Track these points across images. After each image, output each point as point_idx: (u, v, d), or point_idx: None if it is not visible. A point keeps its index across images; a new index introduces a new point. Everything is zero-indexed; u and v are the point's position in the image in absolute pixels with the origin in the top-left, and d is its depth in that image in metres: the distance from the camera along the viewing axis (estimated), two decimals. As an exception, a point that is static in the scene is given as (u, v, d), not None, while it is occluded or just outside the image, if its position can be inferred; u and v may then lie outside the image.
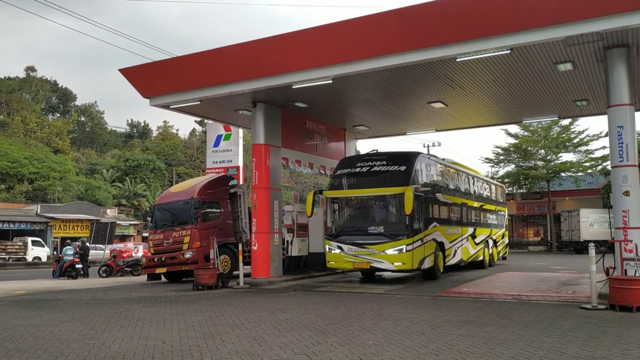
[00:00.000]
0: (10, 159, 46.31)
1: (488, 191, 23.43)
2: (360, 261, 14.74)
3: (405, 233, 14.37)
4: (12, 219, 38.49)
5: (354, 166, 16.02)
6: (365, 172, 15.52)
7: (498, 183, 27.36)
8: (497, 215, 24.01)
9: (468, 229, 19.37)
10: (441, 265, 16.55)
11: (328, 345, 7.08)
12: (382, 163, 15.55)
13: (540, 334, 7.74)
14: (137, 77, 15.80)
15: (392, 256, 14.32)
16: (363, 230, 15.11)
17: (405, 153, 16.24)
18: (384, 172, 15.24)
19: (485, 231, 21.55)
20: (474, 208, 20.62)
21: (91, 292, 14.72)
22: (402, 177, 14.85)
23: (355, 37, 12.67)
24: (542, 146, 41.58)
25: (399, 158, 15.64)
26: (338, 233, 15.41)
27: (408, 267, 14.46)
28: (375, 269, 15.01)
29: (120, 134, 78.43)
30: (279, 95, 15.72)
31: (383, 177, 15.12)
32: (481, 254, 20.87)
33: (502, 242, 24.97)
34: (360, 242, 14.81)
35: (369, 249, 14.59)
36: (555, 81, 14.61)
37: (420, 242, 14.87)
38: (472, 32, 11.44)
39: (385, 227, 14.87)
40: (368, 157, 16.14)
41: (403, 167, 15.15)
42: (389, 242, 14.40)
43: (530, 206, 46.66)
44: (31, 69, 65.54)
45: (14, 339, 7.75)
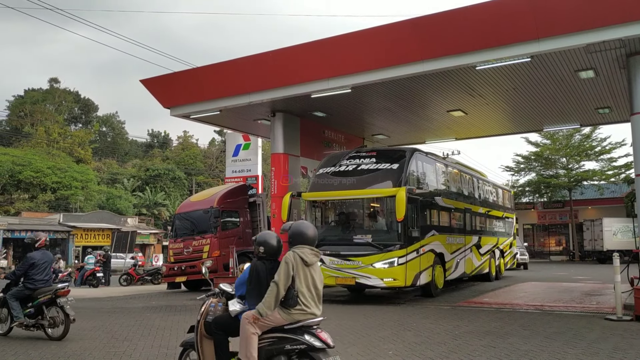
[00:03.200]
0: (34, 169, 47.06)
1: (495, 195, 21.30)
2: (344, 276, 12.56)
3: (398, 243, 12.32)
4: (35, 228, 38.94)
5: (339, 164, 13.90)
6: (351, 171, 13.44)
7: (505, 187, 25.07)
8: (504, 223, 21.93)
9: (472, 238, 17.19)
10: (441, 280, 14.39)
11: (348, 355, 7.03)
12: (371, 160, 13.43)
13: (564, 345, 7.60)
14: (158, 87, 16.01)
15: (381, 270, 12.22)
16: (347, 239, 13.03)
17: (399, 149, 14.38)
18: (373, 170, 13.15)
19: (491, 240, 19.51)
20: (479, 214, 18.52)
21: (112, 301, 14.84)
22: (393, 177, 12.78)
23: (374, 47, 12.70)
24: (564, 154, 41.03)
25: (390, 155, 13.71)
26: (319, 242, 13.68)
27: (400, 283, 12.32)
28: (362, 285, 12.75)
29: (140, 143, 79.33)
30: (298, 105, 15.77)
31: (371, 177, 13.05)
32: (487, 265, 18.75)
33: (510, 252, 22.85)
34: (344, 253, 12.67)
35: (354, 261, 12.43)
36: (576, 89, 14.45)
37: (416, 254, 12.80)
38: (492, 40, 11.40)
39: (374, 235, 12.80)
40: (355, 154, 14.07)
41: (395, 165, 13.03)
42: (378, 254, 12.28)
43: (552, 215, 45.98)
44: (55, 81, 66.73)
45: (37, 347, 7.84)
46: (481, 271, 18.15)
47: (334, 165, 13.95)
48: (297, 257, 4.53)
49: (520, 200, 45.92)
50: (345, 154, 14.36)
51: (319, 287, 4.70)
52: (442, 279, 14.43)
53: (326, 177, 13.80)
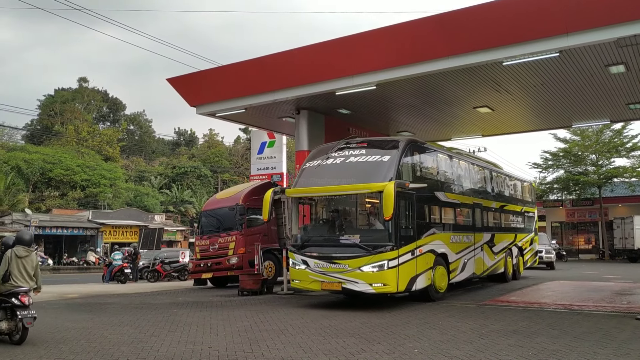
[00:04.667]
0: (64, 167, 48.04)
1: (512, 189, 19.68)
2: (329, 280, 11.43)
3: (388, 244, 11.03)
4: (66, 225, 39.84)
5: (326, 157, 12.68)
6: (338, 165, 12.18)
7: (525, 178, 22.82)
8: (523, 218, 20.29)
9: (483, 236, 15.80)
10: (443, 283, 12.96)
11: (373, 353, 7.02)
12: (361, 152, 12.16)
13: (593, 345, 7.46)
14: (184, 86, 16.17)
15: (369, 275, 10.98)
16: (334, 240, 11.96)
17: (391, 139, 12.89)
18: (361, 163, 11.90)
19: (507, 237, 18.01)
20: (492, 209, 17.01)
21: (140, 297, 15.07)
22: (383, 170, 11.44)
23: (399, 43, 12.61)
24: (593, 151, 40.23)
25: (382, 146, 12.33)
26: (303, 243, 12.18)
27: (391, 289, 11.04)
28: (349, 291, 11.41)
29: (167, 142, 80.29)
30: (323, 102, 15.77)
31: (359, 171, 11.77)
32: (502, 265, 17.32)
33: (531, 250, 21.10)
34: (330, 255, 11.50)
35: (341, 264, 11.26)
36: (606, 84, 14.14)
37: (411, 255, 11.51)
38: (519, 35, 11.22)
39: (363, 235, 11.64)
40: (345, 145, 12.76)
41: (386, 157, 11.73)
42: (366, 256, 11.04)
43: (581, 213, 45.12)
44: (83, 80, 67.90)
45: (67, 341, 8.01)
46: (495, 271, 16.85)
47: (322, 158, 12.72)
48: (13, 253, 8.05)
49: (548, 198, 45.20)
50: (334, 146, 13.02)
51: (29, 271, 8.13)
52: (444, 281, 13.04)
53: (312, 171, 12.64)
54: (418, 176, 12.54)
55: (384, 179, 11.12)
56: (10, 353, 7.15)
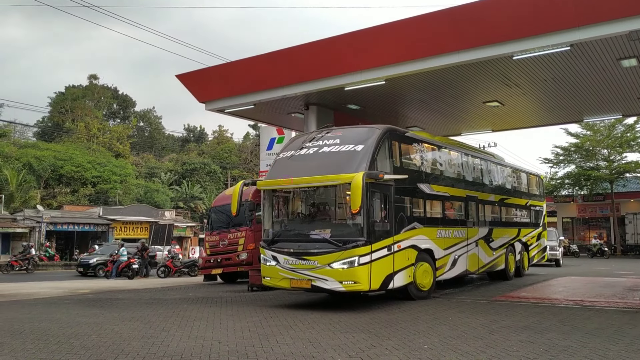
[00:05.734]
0: (75, 164, 48.41)
1: (515, 181, 18.92)
2: (299, 278, 10.79)
3: (360, 239, 10.38)
4: (77, 221, 40.17)
5: (300, 147, 12.03)
6: (311, 155, 11.55)
7: (532, 170, 21.84)
8: (529, 212, 19.52)
9: (478, 230, 15.11)
10: (426, 280, 12.21)
11: (382, 348, 7.01)
12: (335, 142, 11.46)
13: (605, 341, 7.40)
14: (193, 82, 16.20)
15: (339, 272, 10.33)
16: (304, 235, 11.28)
17: (368, 128, 12.05)
18: (334, 154, 11.19)
19: (508, 232, 17.28)
20: (489, 202, 16.29)
21: (150, 292, 15.15)
22: (355, 161, 10.73)
23: (408, 38, 12.55)
24: (605, 146, 39.89)
25: (357, 135, 11.57)
26: (274, 238, 11.56)
27: (363, 287, 10.39)
28: (318, 289, 10.74)
29: (177, 138, 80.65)
30: (332, 98, 15.74)
31: (331, 161, 11.09)
32: (501, 261, 16.63)
33: (538, 245, 20.23)
34: (299, 251, 10.89)
35: (310, 261, 10.62)
36: (618, 78, 13.99)
37: (387, 251, 10.88)
38: (530, 29, 11.12)
39: (334, 230, 10.90)
40: (320, 135, 12.09)
41: (359, 146, 11.02)
42: (336, 252, 10.38)
43: (592, 208, 44.77)
44: (94, 77, 68.25)
45: (78, 336, 8.06)
46: (493, 268, 16.25)
47: (295, 149, 12.11)
48: None
49: (559, 193, 44.90)
50: (309, 136, 12.48)
51: None
52: (428, 278, 12.26)
53: (284, 162, 12.00)
54: (397, 167, 11.78)
55: (356, 169, 10.34)
56: (23, 347, 7.21)
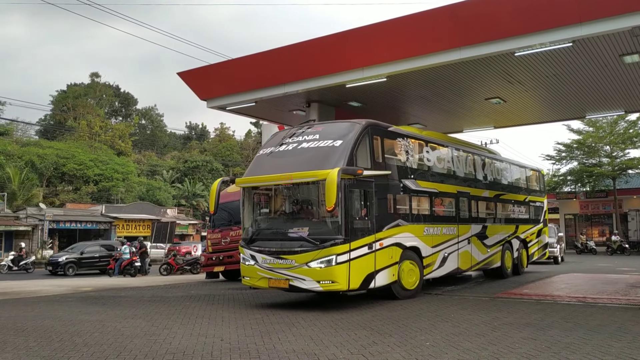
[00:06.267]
0: (77, 162, 48.48)
1: (512, 176, 18.45)
2: (277, 277, 10.56)
3: (338, 237, 10.09)
4: (79, 219, 40.24)
5: (280, 143, 11.77)
6: (290, 151, 11.31)
7: (531, 166, 21.38)
8: (527, 208, 19.08)
9: (471, 227, 14.77)
10: (412, 279, 11.88)
11: (384, 345, 7.01)
12: (314, 138, 11.23)
13: (608, 338, 7.39)
14: (195, 80, 16.19)
15: (316, 271, 10.07)
16: (282, 233, 10.95)
17: (348, 123, 11.69)
18: (312, 149, 10.95)
19: (504, 229, 16.90)
20: (483, 199, 15.89)
21: (152, 290, 15.17)
22: (334, 157, 10.44)
23: (410, 34, 12.52)
24: (608, 142, 39.77)
25: (337, 130, 11.31)
26: (252, 237, 11.39)
27: (341, 286, 10.12)
28: (296, 289, 10.49)
29: (179, 136, 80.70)
30: (333, 95, 15.72)
31: (308, 157, 10.84)
32: (497, 258, 16.18)
33: (539, 242, 19.82)
34: (277, 250, 10.63)
35: (288, 260, 10.39)
36: (621, 74, 13.95)
37: (368, 250, 10.59)
38: (531, 25, 11.08)
39: (312, 228, 10.61)
40: (300, 130, 11.91)
41: (338, 142, 10.75)
42: (313, 251, 10.12)
43: (595, 205, 44.65)
44: (95, 75, 68.30)
45: (81, 333, 8.07)
46: (488, 265, 15.85)
47: (275, 145, 11.84)
48: None
49: (561, 190, 44.81)
50: (290, 131, 12.24)
51: None
52: (413, 277, 11.95)
53: (263, 158, 11.81)
54: (379, 162, 11.41)
55: (334, 166, 10.04)
56: (26, 345, 7.23)
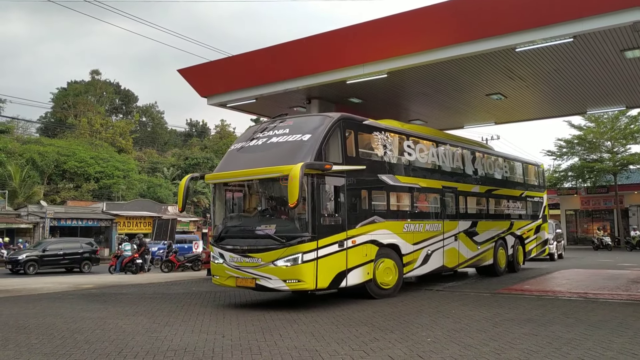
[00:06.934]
0: (78, 159, 48.48)
1: (507, 171, 17.87)
2: (244, 276, 10.25)
3: (304, 234, 9.73)
4: (81, 217, 40.24)
5: (251, 138, 11.53)
6: (259, 146, 11.03)
7: (529, 160, 20.73)
8: (524, 203, 18.52)
9: (458, 224, 14.31)
10: (389, 278, 11.47)
11: (386, 341, 7.01)
12: (284, 132, 10.92)
13: (609, 334, 7.39)
14: (195, 77, 16.19)
15: (282, 270, 9.76)
16: (250, 231, 10.60)
17: (320, 116, 11.43)
18: (282, 144, 10.66)
19: (497, 225, 16.39)
20: (473, 194, 15.41)
21: (154, 287, 15.18)
22: (302, 151, 10.10)
23: (410, 30, 12.51)
24: (609, 138, 39.73)
25: (307, 124, 10.98)
26: (221, 235, 11.07)
27: (308, 285, 9.77)
28: (262, 288, 10.13)
29: (179, 133, 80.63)
30: (334, 91, 15.71)
31: (276, 152, 10.54)
32: (489, 256, 15.74)
33: (537, 239, 19.26)
34: (244, 248, 10.33)
35: (254, 258, 10.09)
36: (622, 69, 13.92)
37: (338, 247, 10.19)
38: (532, 20, 11.07)
39: (279, 226, 10.22)
40: (272, 125, 11.53)
41: (307, 136, 10.43)
42: (279, 249, 9.80)
43: (596, 201, 44.64)
44: (96, 72, 68.24)
45: (82, 331, 8.08)
46: (479, 263, 15.41)
47: (246, 140, 11.59)
48: None
49: (562, 186, 44.79)
50: (262, 125, 11.89)
51: None
52: (391, 276, 11.55)
53: (234, 154, 11.56)
54: (352, 157, 11.04)
55: (301, 160, 9.68)
56: (27, 342, 7.24)
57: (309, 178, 9.74)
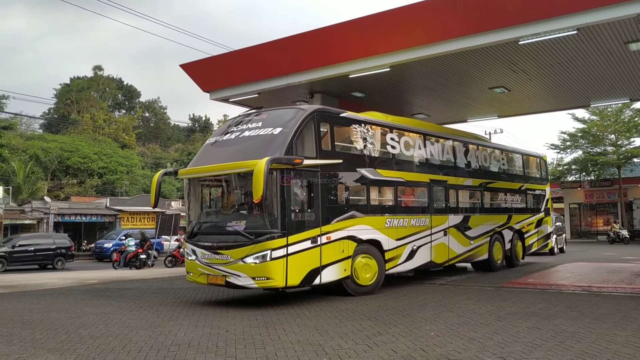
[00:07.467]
0: (81, 155, 48.57)
1: (505, 163, 17.39)
2: (214, 273, 10.09)
3: (273, 231, 9.51)
4: (84, 212, 40.33)
5: (225, 132, 11.28)
6: (232, 140, 10.76)
7: (530, 152, 20.18)
8: (524, 196, 18.06)
9: (448, 218, 13.94)
10: (368, 274, 11.14)
11: (389, 335, 7.02)
12: (257, 125, 10.64)
13: (613, 327, 7.39)
14: (197, 72, 16.17)
15: (251, 267, 9.52)
16: (220, 227, 10.47)
17: (294, 109, 10.96)
18: (253, 138, 10.37)
19: (493, 219, 15.99)
20: (465, 187, 15.05)
21: (158, 282, 15.23)
22: (271, 145, 9.84)
23: (413, 24, 12.47)
24: (613, 131, 39.61)
25: (280, 117, 10.63)
26: (193, 231, 10.87)
27: (277, 283, 9.50)
28: (232, 285, 9.94)
29: (182, 128, 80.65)
30: (336, 86, 15.67)
31: (247, 147, 10.24)
32: (484, 250, 15.33)
33: (538, 232, 18.73)
34: (214, 245, 10.14)
35: (224, 255, 9.91)
36: (626, 61, 13.84)
37: (311, 244, 9.95)
38: (536, 13, 11.00)
39: (249, 222, 9.98)
40: (248, 118, 11.23)
41: (278, 129, 10.15)
42: (248, 246, 9.57)
43: (600, 194, 44.54)
44: (98, 68, 68.25)
45: (86, 326, 8.11)
46: (472, 258, 15.04)
47: (221, 134, 11.36)
48: None
49: (566, 179, 44.70)
50: (237, 119, 11.63)
51: None
52: (370, 272, 11.21)
53: (207, 148, 11.34)
54: (327, 151, 10.73)
55: (271, 155, 9.47)
56: (32, 338, 7.27)
57: (278, 173, 9.53)
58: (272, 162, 9.20)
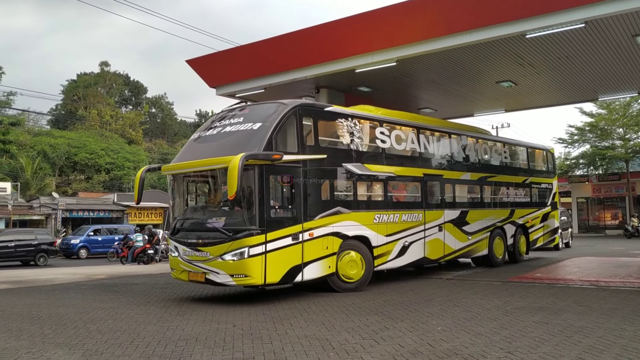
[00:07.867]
0: (89, 151, 48.78)
1: (508, 157, 17.03)
2: (195, 270, 10.04)
3: (251, 228, 9.37)
4: (92, 208, 40.51)
5: (208, 127, 11.17)
6: (214, 136, 10.66)
7: (538, 145, 19.70)
8: (529, 190, 17.59)
9: (444, 213, 13.62)
10: (354, 271, 10.93)
11: (396, 330, 7.02)
12: (238, 121, 10.52)
13: (621, 321, 7.36)
14: (203, 67, 16.18)
15: (230, 264, 9.43)
16: (201, 223, 10.39)
17: (276, 104, 10.64)
18: (233, 133, 10.25)
19: (494, 214, 15.65)
20: (462, 182, 14.65)
21: (165, 277, 15.28)
22: (251, 141, 9.71)
23: (420, 18, 12.42)
24: (621, 124, 39.34)
25: (262, 112, 10.49)
26: (175, 227, 10.77)
27: (255, 280, 9.39)
28: (212, 282, 9.84)
29: (189, 123, 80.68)
30: (342, 80, 15.64)
31: (227, 142, 10.13)
32: (483, 246, 15.00)
33: (544, 227, 18.28)
34: (194, 241, 10.08)
35: (204, 252, 9.83)
36: (634, 55, 13.73)
37: (292, 240, 9.80)
38: (543, 6, 10.94)
39: (229, 218, 9.87)
40: (232, 113, 11.14)
41: (257, 124, 10.00)
42: (227, 243, 9.48)
43: (607, 188, 44.26)
44: (105, 64, 68.35)
45: (94, 320, 8.17)
46: (470, 254, 14.76)
47: (204, 129, 11.27)
48: None
49: (574, 173, 44.47)
50: (219, 114, 11.55)
51: None
52: (356, 269, 11.00)
53: (190, 144, 11.24)
54: (311, 146, 10.54)
55: (250, 150, 9.35)
56: (41, 332, 7.32)
57: (256, 169, 9.40)
58: (248, 158, 9.08)
